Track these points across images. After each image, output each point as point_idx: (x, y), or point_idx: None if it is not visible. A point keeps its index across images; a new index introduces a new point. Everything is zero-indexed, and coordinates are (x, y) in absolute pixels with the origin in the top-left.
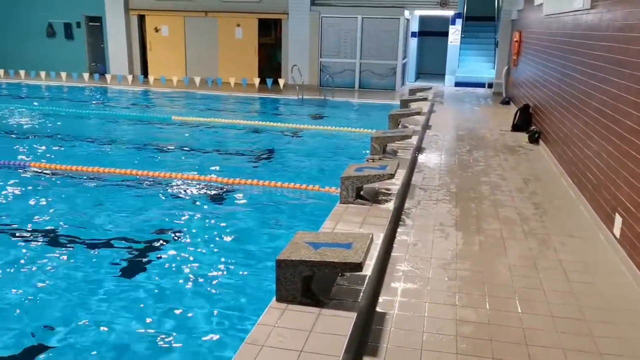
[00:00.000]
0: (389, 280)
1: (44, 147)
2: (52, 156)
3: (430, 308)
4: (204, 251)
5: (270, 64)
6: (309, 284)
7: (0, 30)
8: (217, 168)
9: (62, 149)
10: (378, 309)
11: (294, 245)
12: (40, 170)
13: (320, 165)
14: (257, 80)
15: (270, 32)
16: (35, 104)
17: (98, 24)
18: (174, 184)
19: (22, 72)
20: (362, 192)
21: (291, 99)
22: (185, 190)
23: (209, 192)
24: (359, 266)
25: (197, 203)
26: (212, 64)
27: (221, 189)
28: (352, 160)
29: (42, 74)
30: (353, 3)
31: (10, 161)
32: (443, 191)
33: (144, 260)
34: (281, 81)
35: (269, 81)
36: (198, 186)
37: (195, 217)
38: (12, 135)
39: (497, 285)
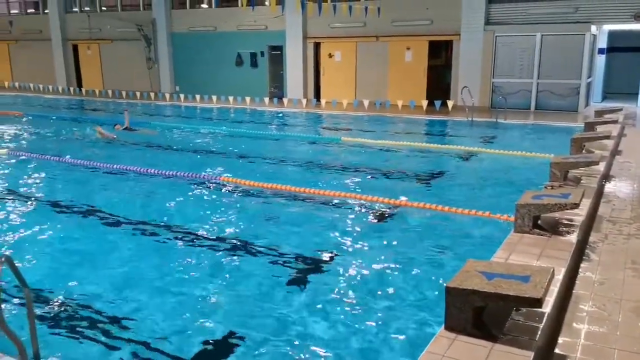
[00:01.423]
0: (570, 320)
1: (229, 163)
2: (237, 171)
3: (619, 356)
4: (365, 272)
5: (439, 85)
6: (480, 315)
7: (199, 61)
8: (383, 189)
9: (245, 165)
10: (557, 351)
11: (465, 274)
12: (226, 184)
13: (490, 190)
14: (425, 102)
15: (440, 54)
16: (223, 127)
17: (279, 52)
18: (340, 202)
19: (214, 97)
20: (539, 222)
21: (460, 121)
22: (350, 209)
23: (373, 212)
24: (538, 302)
25: (362, 223)
26: (381, 86)
27: (386, 210)
28: (526, 187)
29: (230, 98)
30: (532, 20)
31: (200, 174)
32: (637, 225)
33: (308, 277)
34: (450, 103)
35: (438, 103)
36: (363, 206)
37: (359, 237)
38: (204, 152)
39: None
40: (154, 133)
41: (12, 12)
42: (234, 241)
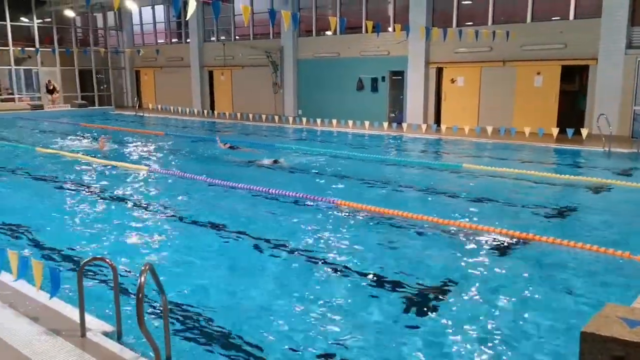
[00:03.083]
0: None
1: (346, 187)
2: (352, 195)
3: None
4: (485, 309)
5: (571, 112)
6: None
7: (321, 86)
8: (507, 220)
9: (361, 189)
10: None
11: (603, 319)
12: (343, 208)
13: (629, 228)
14: (555, 130)
15: (573, 79)
16: (342, 150)
17: (400, 77)
18: (459, 231)
19: (334, 121)
20: None
21: (595, 151)
22: (469, 240)
23: (496, 244)
24: None
25: (483, 255)
26: (506, 113)
27: (509, 242)
28: None
29: (350, 122)
30: None
31: (319, 197)
32: None
33: (422, 306)
34: (584, 131)
35: (570, 131)
36: (485, 237)
37: (480, 271)
38: (322, 175)
39: None
40: (257, 152)
41: (159, 41)
42: (351, 266)
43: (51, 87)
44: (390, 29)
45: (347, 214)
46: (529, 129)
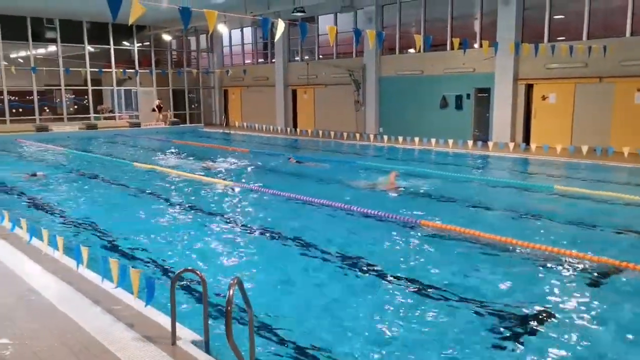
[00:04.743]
0: None
1: (428, 206)
2: (435, 215)
3: None
4: (576, 341)
5: None
6: None
7: (403, 104)
8: (602, 246)
9: (443, 208)
10: None
11: None
12: (427, 228)
13: None
14: None
15: None
16: (424, 169)
17: (486, 94)
18: (549, 257)
19: (416, 139)
20: None
21: None
22: (560, 266)
23: (590, 272)
24: None
25: (576, 283)
26: (602, 131)
27: (606, 271)
28: None
29: (433, 140)
30: None
31: (402, 217)
32: None
33: (509, 333)
34: None
35: None
36: (578, 264)
37: (572, 300)
38: (402, 193)
39: None
40: (323, 167)
41: (246, 62)
42: (433, 288)
43: (161, 106)
44: (476, 45)
45: (427, 232)
46: (628, 149)
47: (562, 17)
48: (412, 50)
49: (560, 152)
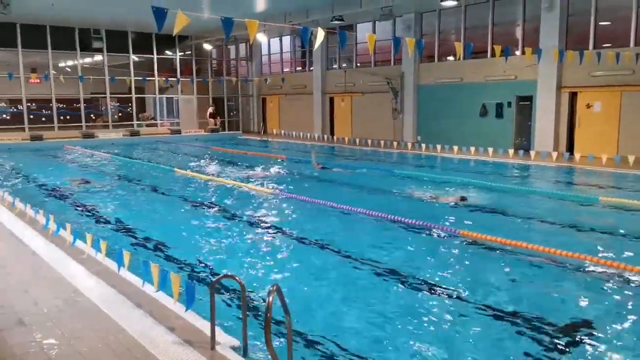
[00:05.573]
0: None
1: (466, 216)
2: (476, 226)
3: None
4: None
5: None
6: None
7: (442, 112)
8: None
9: (483, 219)
10: None
11: None
12: (467, 238)
13: None
14: None
15: None
16: (463, 178)
17: (528, 102)
18: (593, 269)
19: (455, 148)
20: None
21: None
22: (608, 279)
23: (632, 284)
24: None
25: (623, 296)
26: None
27: None
28: None
29: (472, 149)
30: None
31: (443, 226)
32: None
33: (551, 347)
34: None
35: None
36: (624, 276)
37: (614, 310)
38: (440, 204)
39: None
40: (347, 172)
41: (284, 70)
42: (475, 300)
43: (214, 113)
44: (518, 52)
45: (466, 242)
46: None
47: (608, 23)
48: (451, 58)
49: (606, 162)
